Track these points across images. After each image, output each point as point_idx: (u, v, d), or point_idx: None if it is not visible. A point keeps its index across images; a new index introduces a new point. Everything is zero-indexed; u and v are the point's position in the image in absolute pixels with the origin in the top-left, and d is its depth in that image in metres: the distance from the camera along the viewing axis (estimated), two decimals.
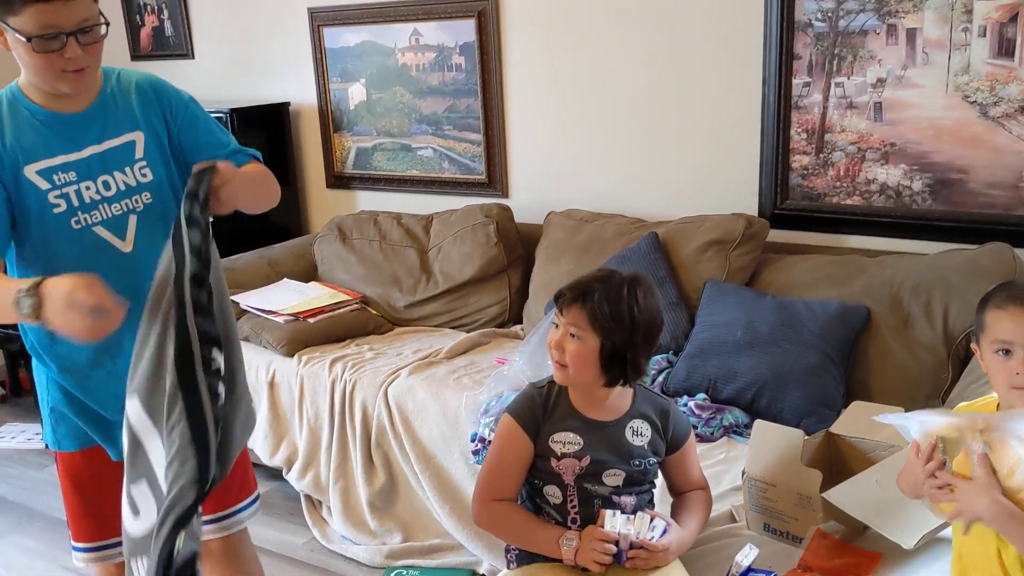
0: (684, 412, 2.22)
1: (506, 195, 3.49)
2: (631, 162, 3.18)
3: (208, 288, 1.40)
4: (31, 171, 1.59)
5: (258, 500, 1.95)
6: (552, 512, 1.74)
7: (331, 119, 3.82)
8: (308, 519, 2.92)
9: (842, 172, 2.79)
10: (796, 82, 2.79)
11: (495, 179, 3.49)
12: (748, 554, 1.63)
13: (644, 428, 1.71)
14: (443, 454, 2.64)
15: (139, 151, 1.68)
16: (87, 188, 1.63)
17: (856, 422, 1.96)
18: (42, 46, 1.51)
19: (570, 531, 1.67)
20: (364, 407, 2.77)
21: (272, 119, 3.81)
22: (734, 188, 2.97)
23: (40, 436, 3.70)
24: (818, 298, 2.51)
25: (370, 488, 2.77)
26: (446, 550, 2.67)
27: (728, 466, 2.17)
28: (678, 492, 1.81)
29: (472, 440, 2.49)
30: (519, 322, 3.21)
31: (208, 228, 1.44)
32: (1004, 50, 2.48)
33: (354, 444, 2.80)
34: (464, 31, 3.38)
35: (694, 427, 2.21)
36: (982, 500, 1.29)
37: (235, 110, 3.60)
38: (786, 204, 2.89)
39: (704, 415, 2.32)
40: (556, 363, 1.67)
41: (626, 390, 1.73)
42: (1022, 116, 2.50)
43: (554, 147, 3.33)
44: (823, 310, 2.43)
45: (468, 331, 3.18)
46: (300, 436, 2.93)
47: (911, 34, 2.60)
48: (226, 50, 3.96)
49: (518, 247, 3.26)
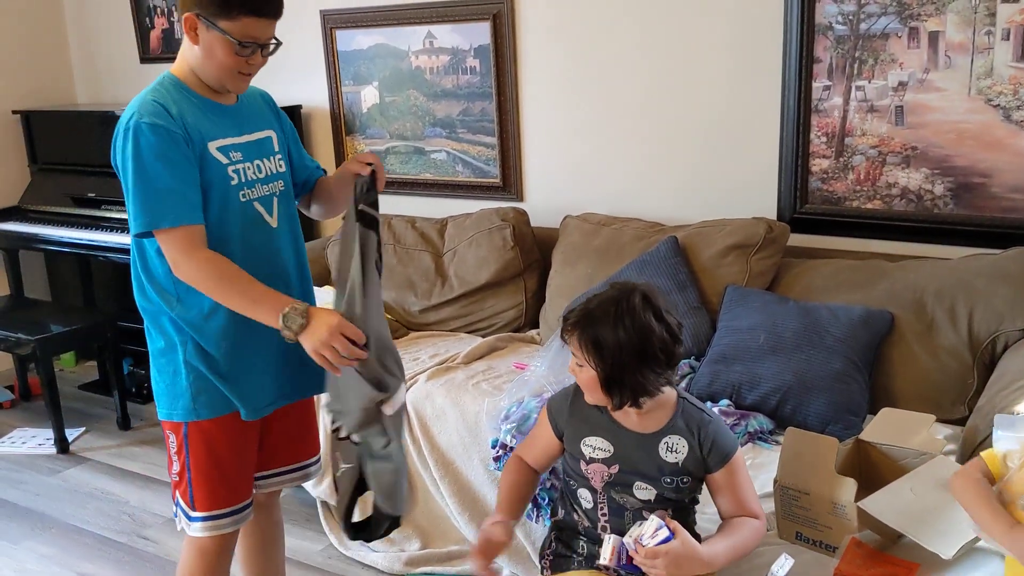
0: None
1: (521, 198, 3.47)
2: (647, 165, 3.16)
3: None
4: (213, 147, 1.80)
5: (320, 459, 2.21)
6: (583, 517, 1.74)
7: (343, 122, 3.80)
8: (325, 525, 2.90)
9: (862, 176, 2.77)
10: (816, 85, 2.77)
11: (510, 182, 3.47)
12: (784, 564, 1.60)
13: (680, 445, 1.66)
14: (462, 460, 2.62)
15: (275, 146, 1.95)
16: (248, 168, 1.86)
17: (886, 429, 1.95)
18: (240, 51, 1.75)
19: (503, 522, 1.75)
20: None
21: None
22: (753, 192, 2.96)
23: (51, 440, 3.68)
24: (841, 303, 2.49)
25: None
26: (465, 557, 2.66)
27: (755, 473, 2.14)
28: (726, 517, 1.72)
29: (493, 446, 2.47)
30: (535, 326, 3.20)
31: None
32: None
33: None
34: (479, 34, 3.36)
35: None
36: None
37: None
38: (806, 208, 2.87)
39: (728, 421, 2.30)
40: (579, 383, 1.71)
41: (665, 402, 1.68)
42: None
43: (569, 150, 3.32)
44: (847, 315, 2.41)
45: (484, 335, 3.16)
46: None
47: (933, 37, 2.58)
48: None
49: (534, 251, 3.24)
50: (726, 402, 2.38)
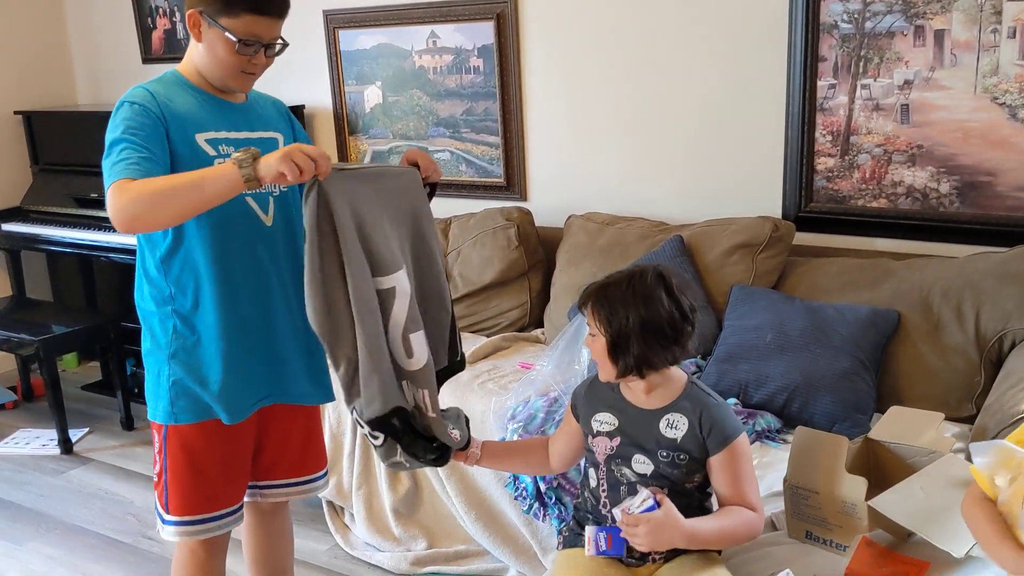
0: None
1: (524, 198, 3.47)
2: (652, 164, 3.16)
3: None
4: (201, 139, 1.77)
5: (327, 475, 2.18)
6: (591, 496, 1.79)
7: (347, 122, 3.80)
8: (331, 525, 2.89)
9: (868, 174, 2.77)
10: (821, 84, 2.77)
11: (513, 182, 3.47)
12: None
13: (681, 422, 1.69)
14: None
15: (280, 148, 1.87)
16: None
17: (895, 427, 1.95)
18: (242, 49, 1.74)
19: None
20: None
21: None
22: (758, 191, 2.95)
23: (55, 441, 3.68)
24: (847, 302, 2.49)
25: (394, 494, 2.74)
26: (472, 556, 2.66)
27: (763, 472, 2.15)
28: (722, 505, 1.73)
29: None
30: (540, 326, 3.20)
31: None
32: None
33: None
34: (482, 33, 3.36)
35: None
36: None
37: None
38: (811, 207, 2.87)
39: None
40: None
41: (672, 383, 1.71)
42: None
43: (573, 150, 3.32)
44: (853, 314, 2.41)
45: (488, 335, 3.16)
46: None
47: (939, 35, 2.58)
48: None
49: (539, 250, 3.24)
50: (733, 401, 2.38)
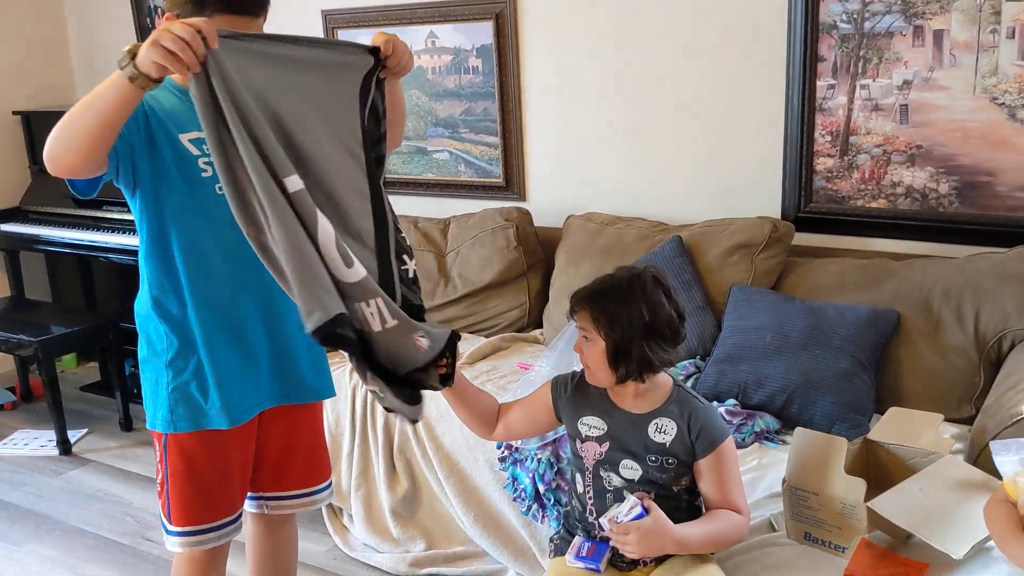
0: None
1: (523, 198, 3.46)
2: (651, 165, 3.16)
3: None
4: (184, 139, 1.73)
5: (332, 485, 2.14)
6: (578, 503, 1.80)
7: None
8: (329, 526, 2.89)
9: (867, 175, 2.77)
10: (820, 84, 2.77)
11: (512, 182, 3.47)
12: None
13: (669, 426, 1.69)
14: (467, 461, 2.61)
15: None
16: None
17: (894, 428, 1.94)
18: None
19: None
20: (386, 414, 2.74)
21: None
22: (757, 191, 2.95)
23: (53, 442, 3.67)
24: (847, 302, 2.49)
25: (393, 495, 2.74)
26: (470, 558, 2.65)
27: (762, 472, 2.15)
28: (709, 508, 1.74)
29: (498, 447, 2.47)
30: (539, 326, 3.19)
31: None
32: None
33: (376, 451, 2.77)
34: (481, 33, 3.36)
35: None
36: None
37: None
38: (810, 207, 2.87)
39: (735, 421, 2.30)
40: (583, 364, 1.74)
41: (660, 387, 1.72)
42: None
43: (572, 150, 3.31)
44: (853, 315, 2.41)
45: (487, 336, 3.16)
46: None
47: (938, 35, 2.58)
48: None
49: (538, 251, 3.24)
50: (732, 401, 2.38)
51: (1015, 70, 2.49)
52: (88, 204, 4.00)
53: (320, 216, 1.54)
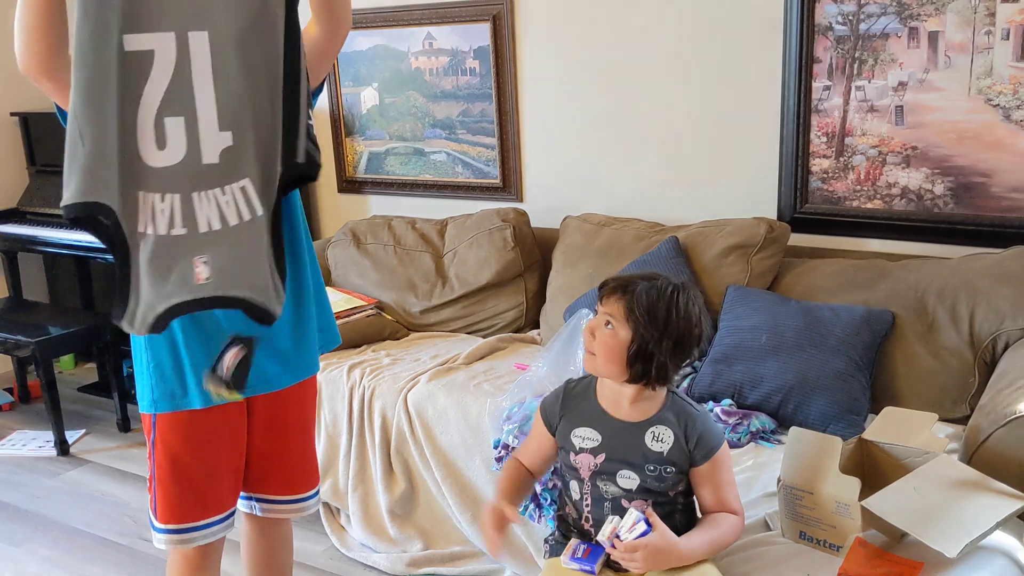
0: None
1: (520, 199, 3.47)
2: (648, 165, 3.17)
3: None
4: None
5: (318, 493, 2.13)
6: (573, 508, 1.78)
7: (343, 123, 3.80)
8: (327, 527, 2.90)
9: (863, 176, 2.78)
10: (816, 85, 2.78)
11: (509, 183, 3.48)
12: None
13: (666, 435, 1.68)
14: (464, 461, 2.62)
15: None
16: None
17: (889, 428, 1.95)
18: None
19: (508, 505, 1.73)
20: (383, 414, 2.75)
21: None
22: (753, 192, 2.96)
23: (51, 443, 3.68)
24: (843, 303, 2.50)
25: (390, 495, 2.75)
26: (468, 558, 2.66)
27: (757, 472, 2.15)
28: (706, 512, 1.75)
29: (495, 447, 2.47)
30: (536, 327, 3.20)
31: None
32: None
33: (373, 451, 2.78)
34: (478, 35, 3.37)
35: None
36: None
37: None
38: (806, 208, 2.88)
39: (731, 421, 2.31)
40: (587, 349, 1.70)
41: (656, 394, 1.71)
42: None
43: (569, 151, 3.32)
44: (848, 315, 2.42)
45: (484, 336, 3.17)
46: (318, 443, 2.91)
47: (933, 37, 2.59)
48: None
49: (535, 251, 3.25)
50: (728, 402, 2.39)
51: (1010, 71, 2.50)
52: None
53: (150, 84, 1.39)
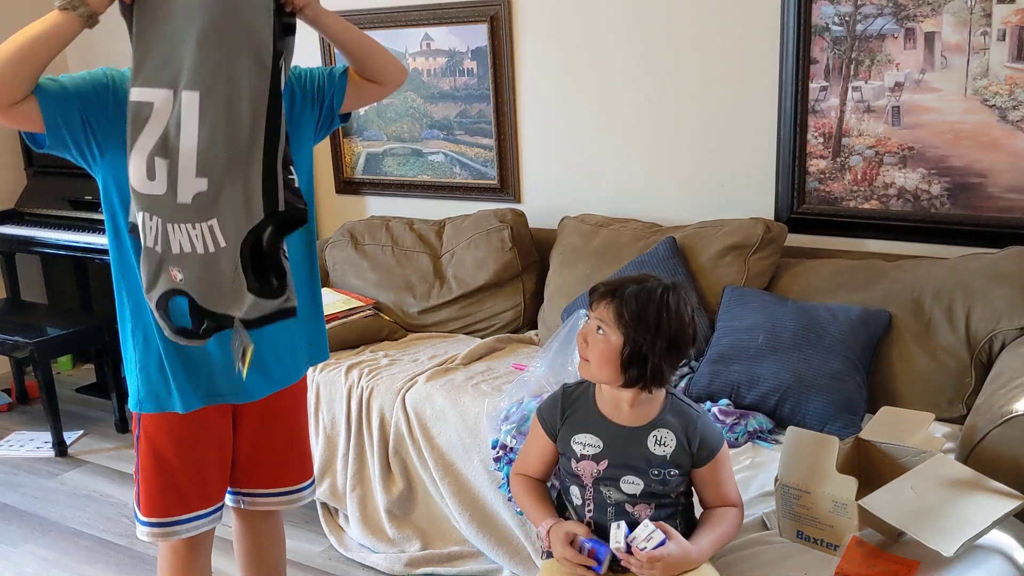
0: None
1: (518, 200, 3.48)
2: (645, 166, 3.17)
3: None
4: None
5: (314, 483, 2.15)
6: (573, 514, 1.77)
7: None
8: (325, 527, 2.90)
9: (859, 176, 2.79)
10: (813, 86, 2.78)
11: (507, 184, 3.48)
12: None
13: (668, 438, 1.69)
14: (462, 461, 2.63)
15: None
16: None
17: (885, 427, 1.96)
18: None
19: (558, 521, 1.71)
20: (382, 414, 2.75)
21: None
22: (750, 192, 2.97)
23: (49, 444, 3.68)
24: (839, 303, 2.50)
25: (388, 496, 2.75)
26: (466, 558, 2.66)
27: (755, 472, 2.16)
28: (707, 507, 1.77)
29: (493, 447, 2.47)
30: (534, 327, 3.21)
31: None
32: (1023, 54, 2.49)
33: (371, 451, 2.78)
34: (476, 36, 3.37)
35: None
36: None
37: None
38: (803, 208, 2.89)
39: (728, 421, 2.32)
40: (581, 355, 1.70)
41: (655, 397, 1.71)
42: None
43: (567, 152, 3.33)
44: (845, 315, 2.43)
45: (482, 337, 3.17)
46: (316, 443, 2.91)
47: (929, 38, 2.59)
48: None
49: (532, 252, 3.25)
50: (725, 402, 2.39)
51: (1006, 72, 2.51)
52: (83, 206, 4.00)
53: (147, 128, 1.63)
